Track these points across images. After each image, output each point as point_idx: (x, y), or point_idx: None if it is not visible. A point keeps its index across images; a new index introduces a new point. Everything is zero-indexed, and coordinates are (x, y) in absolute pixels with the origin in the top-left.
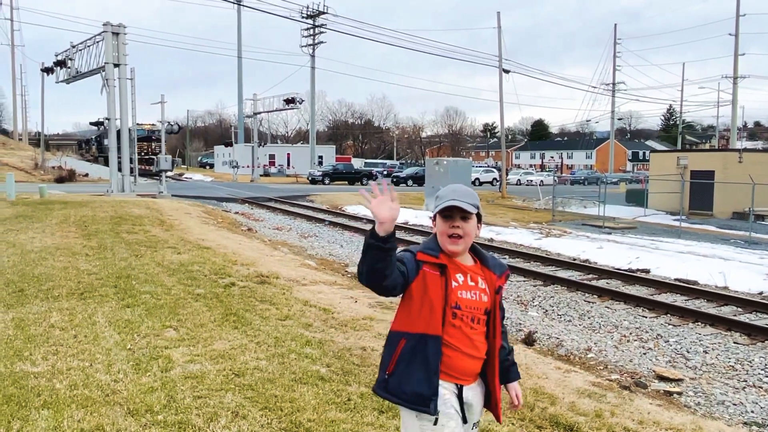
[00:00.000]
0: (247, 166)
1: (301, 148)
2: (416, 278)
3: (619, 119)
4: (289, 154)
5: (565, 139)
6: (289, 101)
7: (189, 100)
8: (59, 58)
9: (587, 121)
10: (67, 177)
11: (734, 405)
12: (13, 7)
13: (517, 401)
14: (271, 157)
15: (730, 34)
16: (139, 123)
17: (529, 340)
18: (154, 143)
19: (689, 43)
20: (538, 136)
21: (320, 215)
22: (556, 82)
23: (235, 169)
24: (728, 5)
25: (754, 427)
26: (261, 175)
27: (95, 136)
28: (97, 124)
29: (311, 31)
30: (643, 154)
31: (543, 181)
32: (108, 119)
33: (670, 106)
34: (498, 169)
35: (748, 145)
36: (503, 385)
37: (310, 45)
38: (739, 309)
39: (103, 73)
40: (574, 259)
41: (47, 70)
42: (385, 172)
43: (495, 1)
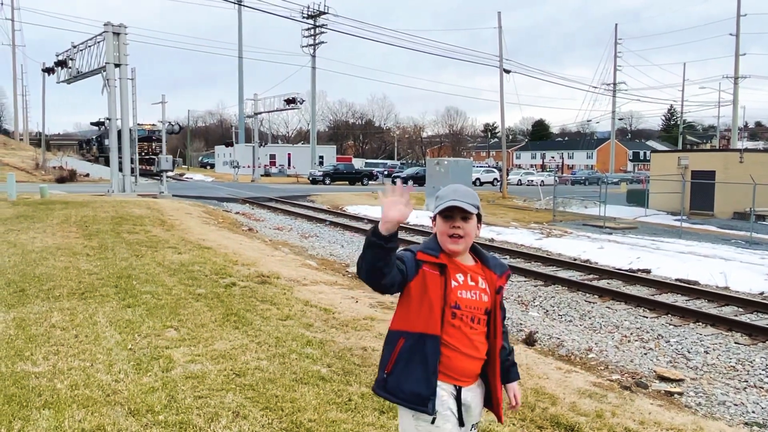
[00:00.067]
0: (248, 166)
1: (301, 148)
2: (416, 277)
3: (620, 119)
4: (289, 154)
5: (566, 139)
6: (290, 101)
7: (190, 100)
8: (60, 58)
9: (588, 121)
10: (68, 177)
11: (735, 405)
12: (14, 7)
13: (515, 402)
14: (272, 157)
15: (730, 34)
16: (140, 123)
17: (529, 341)
18: (154, 143)
19: (690, 43)
20: (539, 136)
21: (321, 215)
22: (557, 82)
23: (236, 169)
24: (729, 5)
25: (755, 428)
26: (262, 175)
27: (96, 136)
28: (98, 124)
29: (312, 31)
30: (644, 154)
31: (544, 182)
32: (109, 119)
33: (671, 106)
34: (499, 170)
35: (749, 145)
36: (502, 385)
37: (310, 45)
38: (740, 309)
39: (104, 73)
40: (575, 260)
41: (48, 70)
42: (385, 172)
43: (495, 1)
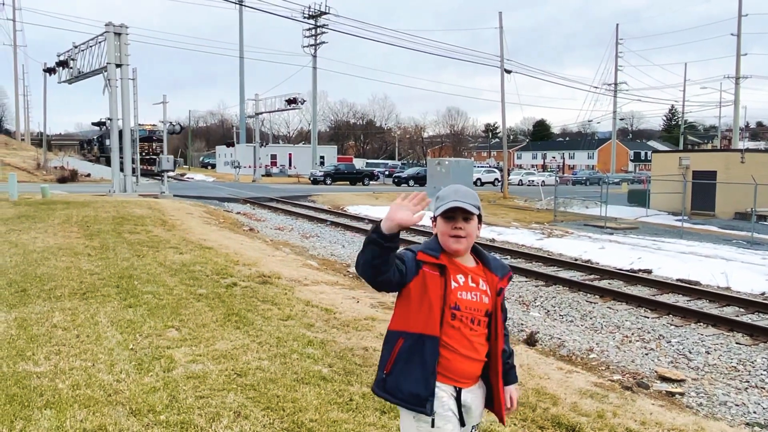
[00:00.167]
0: (249, 167)
1: (302, 149)
2: (415, 278)
3: (621, 119)
4: (290, 155)
5: (567, 139)
6: (291, 101)
7: (191, 101)
8: (61, 58)
9: (589, 122)
10: (70, 177)
11: (736, 406)
12: (16, 8)
13: (511, 404)
14: (273, 157)
15: (732, 35)
16: (141, 123)
17: (531, 341)
18: (155, 143)
19: (691, 44)
20: (540, 136)
21: (322, 215)
22: (558, 83)
23: (237, 170)
24: (730, 5)
25: (757, 428)
26: (263, 176)
27: (97, 137)
28: (100, 124)
29: (313, 31)
30: (645, 154)
31: (545, 182)
32: (110, 119)
33: (672, 107)
34: (500, 170)
35: (751, 145)
36: None
37: (311, 45)
38: (742, 309)
39: (105, 74)
40: (576, 260)
41: (49, 71)
42: (386, 173)
43: (496, 2)
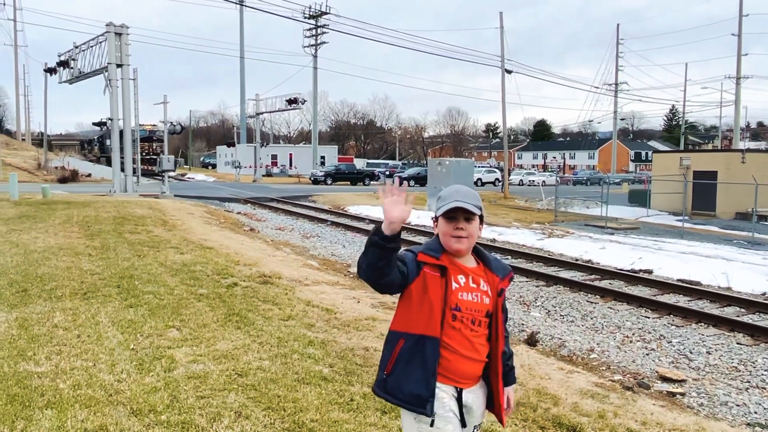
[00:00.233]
0: (250, 167)
1: (303, 149)
2: (416, 279)
3: (622, 119)
4: (291, 155)
5: (568, 139)
6: (292, 101)
7: (191, 101)
8: (62, 58)
9: (590, 122)
10: (70, 177)
11: (737, 406)
12: (16, 8)
13: (507, 406)
14: (274, 157)
15: (732, 35)
16: (141, 124)
17: (531, 341)
18: (155, 143)
19: (692, 44)
20: (541, 136)
21: (322, 215)
22: (559, 83)
23: (238, 170)
24: (731, 5)
25: (758, 428)
26: (263, 176)
27: (98, 137)
28: (100, 124)
29: (313, 31)
30: (646, 154)
31: (545, 182)
32: (111, 119)
33: (673, 107)
34: (500, 170)
35: (751, 145)
36: None
37: (312, 45)
38: (742, 310)
39: (106, 74)
40: (577, 260)
41: (50, 71)
42: (387, 173)
43: (497, 2)
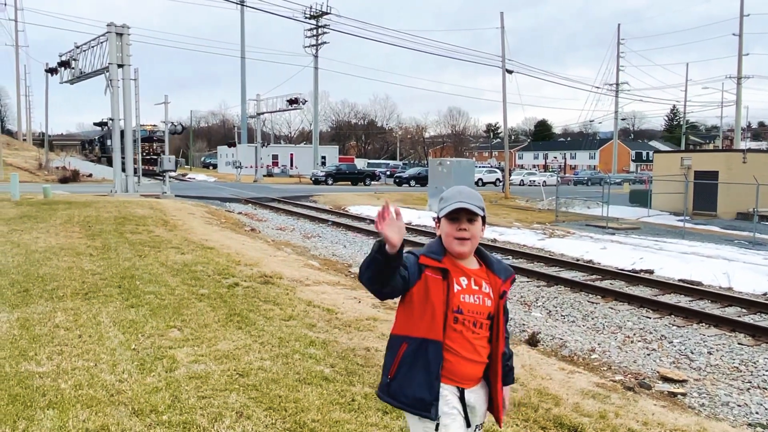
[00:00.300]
0: (251, 167)
1: (304, 149)
2: (418, 282)
3: (623, 119)
4: (292, 155)
5: (569, 139)
6: (292, 102)
7: (192, 101)
8: (63, 58)
9: (590, 122)
10: (71, 177)
11: (738, 406)
12: (17, 8)
13: (503, 406)
14: (275, 157)
15: (733, 35)
16: (142, 124)
17: (532, 341)
18: (155, 144)
19: (693, 44)
20: (542, 136)
21: (323, 216)
22: (560, 83)
23: (239, 170)
24: (731, 5)
25: (759, 429)
26: (264, 176)
27: (99, 137)
28: (101, 124)
29: (314, 31)
30: (647, 154)
31: (546, 182)
32: (111, 119)
33: (674, 107)
34: (501, 170)
35: (752, 145)
36: None
37: (313, 45)
38: (744, 310)
39: (107, 74)
40: (578, 260)
41: (51, 71)
42: (388, 173)
43: (498, 2)
